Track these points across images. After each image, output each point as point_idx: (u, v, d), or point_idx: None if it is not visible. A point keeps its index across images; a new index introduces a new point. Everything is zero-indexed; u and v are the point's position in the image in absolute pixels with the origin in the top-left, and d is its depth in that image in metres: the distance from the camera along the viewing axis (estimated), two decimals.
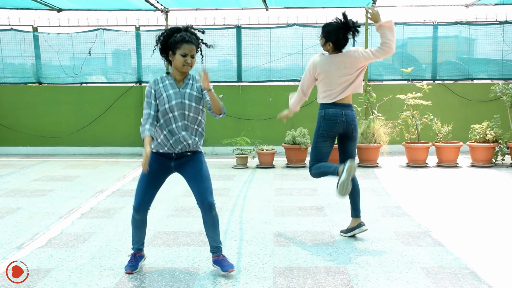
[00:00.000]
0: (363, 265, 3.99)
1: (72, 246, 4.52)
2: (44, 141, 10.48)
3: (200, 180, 3.73)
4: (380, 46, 4.63)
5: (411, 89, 9.28)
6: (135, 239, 3.93)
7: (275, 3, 9.81)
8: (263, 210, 5.74)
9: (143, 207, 3.82)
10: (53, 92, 10.51)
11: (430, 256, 4.17)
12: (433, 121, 8.68)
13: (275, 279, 3.73)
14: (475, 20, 10.19)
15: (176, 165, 3.81)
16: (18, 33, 10.55)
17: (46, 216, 5.54)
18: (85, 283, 3.67)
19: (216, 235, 3.84)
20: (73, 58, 10.63)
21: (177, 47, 3.63)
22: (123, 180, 7.57)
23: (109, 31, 10.48)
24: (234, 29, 10.28)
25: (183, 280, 3.73)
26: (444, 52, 10.37)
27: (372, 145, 8.57)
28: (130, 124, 10.41)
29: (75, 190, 6.85)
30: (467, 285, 3.59)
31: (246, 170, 8.34)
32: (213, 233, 3.83)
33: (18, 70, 10.76)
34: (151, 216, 5.49)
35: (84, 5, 10.10)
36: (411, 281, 3.66)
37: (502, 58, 10.19)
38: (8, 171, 8.36)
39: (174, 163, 3.80)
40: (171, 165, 3.80)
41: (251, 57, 10.33)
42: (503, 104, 9.11)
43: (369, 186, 7.01)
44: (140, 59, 10.51)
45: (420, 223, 5.17)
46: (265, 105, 10.16)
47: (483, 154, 8.42)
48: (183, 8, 10.28)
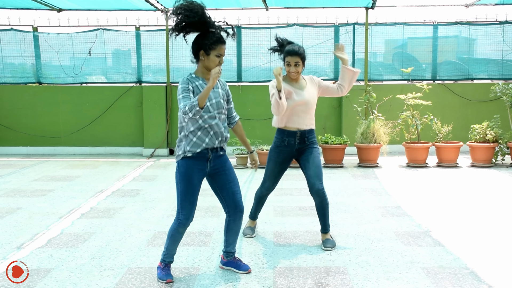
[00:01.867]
0: (363, 265, 3.99)
1: (72, 246, 4.52)
2: (44, 141, 10.47)
3: (234, 183, 3.75)
4: (338, 84, 4.65)
5: (411, 89, 9.27)
6: (171, 253, 3.75)
7: (275, 3, 9.81)
8: (263, 210, 5.73)
9: (191, 220, 3.66)
10: (53, 92, 10.50)
11: (430, 256, 4.17)
12: (433, 121, 8.67)
13: (275, 279, 3.73)
14: (475, 20, 10.19)
15: (210, 169, 3.69)
16: (18, 33, 10.56)
17: (46, 216, 5.54)
18: (85, 283, 3.67)
19: (236, 241, 3.88)
20: (73, 58, 10.63)
21: (213, 48, 3.56)
22: (123, 180, 7.57)
23: (109, 31, 10.48)
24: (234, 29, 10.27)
25: (183, 280, 3.74)
26: (444, 52, 10.37)
27: (372, 145, 8.57)
28: (130, 124, 10.41)
29: (75, 190, 6.84)
30: (467, 285, 3.59)
31: (246, 170, 8.34)
32: (233, 239, 3.85)
33: (18, 70, 10.76)
34: (151, 216, 5.50)
35: (84, 5, 10.10)
36: (411, 281, 3.66)
37: (502, 58, 10.19)
38: (8, 171, 8.36)
39: (209, 166, 3.67)
40: (206, 169, 3.67)
41: (251, 57, 10.33)
42: (503, 104, 9.11)
43: (369, 186, 7.01)
44: (140, 59, 10.51)
45: (420, 223, 5.17)
46: (265, 105, 10.10)
47: (483, 154, 8.42)
48: None
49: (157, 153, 10.12)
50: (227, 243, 3.86)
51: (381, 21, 10.20)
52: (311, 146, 4.47)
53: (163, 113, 10.16)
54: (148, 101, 10.16)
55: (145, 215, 5.55)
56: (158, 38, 10.43)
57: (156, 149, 10.12)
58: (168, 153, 10.25)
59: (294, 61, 4.34)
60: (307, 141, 4.45)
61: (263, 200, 4.77)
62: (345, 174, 7.94)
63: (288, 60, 4.37)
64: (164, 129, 10.18)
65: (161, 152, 10.14)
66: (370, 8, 9.74)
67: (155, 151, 10.11)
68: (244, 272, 3.84)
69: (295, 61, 4.34)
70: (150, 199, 6.29)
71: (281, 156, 4.49)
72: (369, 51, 10.02)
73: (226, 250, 3.89)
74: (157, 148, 10.13)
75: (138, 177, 7.79)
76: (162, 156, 10.02)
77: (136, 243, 4.60)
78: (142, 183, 7.31)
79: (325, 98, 10.09)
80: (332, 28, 10.19)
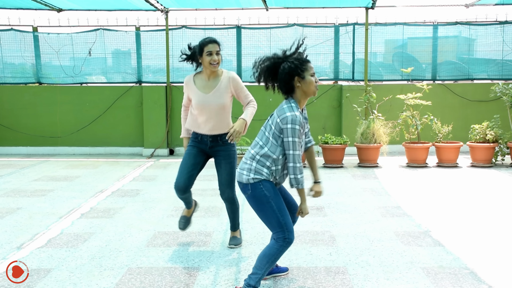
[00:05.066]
0: (363, 265, 3.99)
1: (72, 246, 4.51)
2: (44, 141, 10.48)
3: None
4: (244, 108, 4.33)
5: (411, 89, 9.28)
6: (264, 276, 3.43)
7: (275, 3, 9.81)
8: None
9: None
10: (53, 92, 10.50)
11: (430, 256, 4.17)
12: (433, 121, 8.67)
13: (275, 279, 3.73)
14: (475, 20, 10.19)
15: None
16: (18, 33, 10.56)
17: (46, 216, 5.54)
18: (85, 283, 3.67)
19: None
20: (73, 58, 10.63)
21: (304, 69, 3.37)
22: (123, 180, 7.57)
23: (109, 31, 10.48)
24: (234, 29, 10.29)
25: (183, 280, 3.73)
26: (444, 52, 10.38)
27: (372, 145, 8.57)
28: (130, 124, 10.41)
29: (75, 190, 6.84)
30: (467, 285, 3.59)
31: None
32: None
33: (18, 70, 10.76)
34: (151, 216, 5.50)
35: (84, 5, 10.10)
36: (411, 281, 3.66)
37: (502, 58, 10.19)
38: (8, 171, 8.36)
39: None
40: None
41: (251, 57, 10.32)
42: (503, 104, 9.11)
43: (369, 186, 7.01)
44: (140, 59, 10.52)
45: (420, 223, 5.17)
46: (265, 105, 10.13)
47: (483, 154, 8.42)
48: (183, 8, 10.28)
49: (157, 153, 10.12)
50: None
51: (381, 21, 10.20)
52: (224, 149, 4.29)
53: (163, 113, 10.16)
54: (148, 101, 10.16)
55: (145, 215, 5.55)
56: (158, 38, 10.43)
57: (156, 149, 10.12)
58: (168, 153, 10.25)
59: (216, 49, 4.12)
60: (220, 141, 4.28)
61: (184, 199, 4.48)
62: (345, 174, 7.94)
63: (209, 50, 4.10)
64: (164, 129, 10.18)
65: (161, 152, 10.14)
66: (370, 8, 9.74)
67: (155, 151, 10.11)
68: (285, 273, 3.81)
69: (216, 49, 4.12)
70: (150, 199, 6.29)
71: (195, 149, 4.34)
72: (369, 51, 10.02)
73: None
74: (157, 148, 10.13)
75: (138, 177, 7.79)
76: (162, 156, 10.02)
77: (136, 243, 4.60)
78: (142, 183, 7.31)
79: (325, 98, 10.12)
80: (332, 28, 10.19)
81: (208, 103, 4.21)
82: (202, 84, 4.26)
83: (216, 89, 4.22)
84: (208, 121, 4.24)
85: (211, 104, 4.21)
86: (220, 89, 4.23)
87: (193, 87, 4.28)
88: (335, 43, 10.23)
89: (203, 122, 4.26)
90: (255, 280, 3.31)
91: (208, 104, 4.21)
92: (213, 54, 4.12)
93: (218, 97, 4.22)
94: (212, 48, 4.12)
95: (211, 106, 4.21)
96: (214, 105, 4.21)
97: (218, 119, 4.24)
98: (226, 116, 4.29)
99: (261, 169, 3.30)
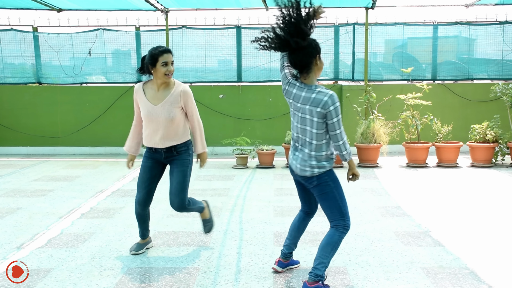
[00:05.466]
0: (363, 265, 3.99)
1: (72, 246, 4.51)
2: (44, 141, 10.48)
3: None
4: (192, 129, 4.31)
5: (411, 89, 9.27)
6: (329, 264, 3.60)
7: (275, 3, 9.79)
8: (263, 210, 5.74)
9: None
10: (53, 92, 10.50)
11: (430, 256, 4.17)
12: (433, 121, 8.67)
13: (275, 279, 3.73)
14: (475, 20, 10.19)
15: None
16: (18, 33, 10.56)
17: (46, 216, 5.54)
18: (85, 283, 3.67)
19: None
20: (73, 58, 10.63)
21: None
22: (123, 180, 7.57)
23: (109, 31, 10.48)
24: (234, 29, 10.28)
25: (183, 280, 3.73)
26: (444, 52, 10.37)
27: (372, 145, 8.57)
28: (130, 124, 10.16)
29: (75, 190, 6.84)
30: (467, 285, 3.59)
31: (246, 170, 8.34)
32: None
33: (18, 70, 10.76)
34: (151, 216, 5.49)
35: (84, 5, 10.10)
36: (411, 281, 3.66)
37: (502, 58, 10.19)
38: (8, 171, 8.36)
39: None
40: None
41: (251, 57, 10.32)
42: (503, 104, 9.11)
43: (369, 186, 7.01)
44: (140, 59, 10.50)
45: (420, 223, 5.17)
46: (265, 105, 10.16)
47: (483, 154, 8.42)
48: (183, 8, 10.28)
49: None
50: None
51: (381, 21, 10.20)
52: (178, 158, 4.20)
53: None
54: None
55: None
56: (158, 38, 10.43)
57: None
58: None
59: (171, 59, 4.04)
60: (175, 151, 4.19)
61: (142, 217, 4.37)
62: (345, 174, 7.92)
63: (165, 60, 3.99)
64: None
65: None
66: (370, 8, 9.74)
67: None
68: (298, 265, 3.99)
69: (171, 59, 4.04)
70: None
71: (150, 161, 4.29)
72: (369, 51, 10.01)
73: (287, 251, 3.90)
74: None
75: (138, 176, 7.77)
76: None
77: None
78: None
79: None
80: (332, 28, 10.19)
81: (156, 115, 4.09)
82: (152, 94, 4.12)
83: (164, 101, 4.07)
84: (155, 132, 4.13)
85: (160, 117, 4.08)
86: (168, 102, 4.07)
87: (142, 97, 4.16)
88: (335, 43, 10.23)
89: (150, 133, 4.17)
90: (323, 269, 3.43)
91: (156, 116, 4.09)
92: (169, 64, 4.02)
93: (167, 111, 4.07)
94: (167, 58, 4.01)
95: (159, 118, 4.09)
96: (162, 118, 4.08)
97: (166, 131, 4.11)
98: (175, 128, 4.13)
99: (321, 162, 3.55)
